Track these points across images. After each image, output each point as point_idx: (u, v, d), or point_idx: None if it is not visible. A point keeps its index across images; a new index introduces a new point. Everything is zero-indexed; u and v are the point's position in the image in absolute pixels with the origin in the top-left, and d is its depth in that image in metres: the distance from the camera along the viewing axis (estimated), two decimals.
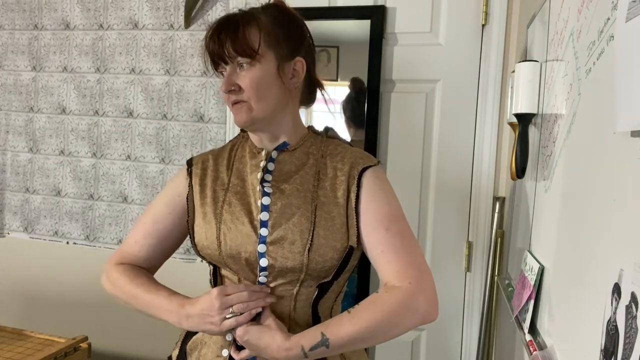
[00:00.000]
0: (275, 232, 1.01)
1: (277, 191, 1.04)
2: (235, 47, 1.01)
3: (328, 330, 0.95)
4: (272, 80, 1.04)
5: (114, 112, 2.33)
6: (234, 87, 1.03)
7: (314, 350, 0.94)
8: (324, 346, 0.94)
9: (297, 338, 0.96)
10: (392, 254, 0.98)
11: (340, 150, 1.10)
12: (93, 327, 2.35)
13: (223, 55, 1.02)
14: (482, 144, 1.89)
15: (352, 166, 1.06)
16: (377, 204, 1.02)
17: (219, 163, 1.13)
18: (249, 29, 1.02)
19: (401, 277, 0.96)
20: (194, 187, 1.11)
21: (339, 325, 0.95)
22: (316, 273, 1.02)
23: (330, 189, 1.04)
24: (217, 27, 1.03)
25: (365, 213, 1.02)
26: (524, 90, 1.18)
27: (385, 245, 0.99)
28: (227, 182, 1.09)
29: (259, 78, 1.02)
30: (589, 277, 0.74)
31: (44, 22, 2.41)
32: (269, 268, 1.02)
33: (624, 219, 0.61)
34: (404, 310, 0.94)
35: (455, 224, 1.95)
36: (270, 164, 1.07)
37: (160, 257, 1.16)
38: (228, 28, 1.02)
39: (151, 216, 1.14)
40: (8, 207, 2.50)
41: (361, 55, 1.95)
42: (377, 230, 1.00)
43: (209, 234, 1.05)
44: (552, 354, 0.90)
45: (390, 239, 0.99)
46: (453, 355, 1.98)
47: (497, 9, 1.85)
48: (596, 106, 0.76)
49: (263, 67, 1.02)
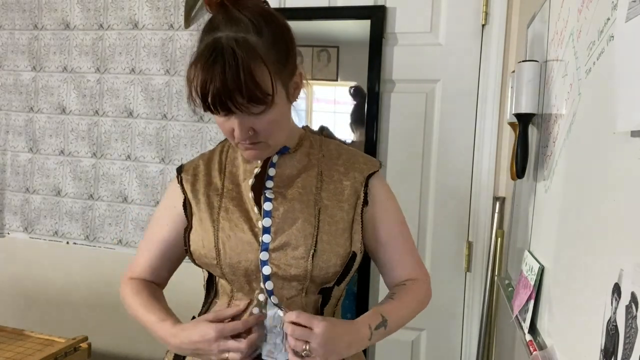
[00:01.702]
0: (278, 238, 0.98)
1: (279, 196, 1.01)
2: (246, 98, 0.86)
3: (385, 312, 1.01)
4: (285, 110, 0.97)
5: (114, 112, 2.33)
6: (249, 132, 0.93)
7: (377, 329, 0.99)
8: (383, 327, 1.00)
9: (363, 319, 0.99)
10: (408, 255, 1.11)
11: (342, 152, 1.08)
12: (93, 327, 2.35)
13: (230, 107, 0.87)
14: (482, 144, 1.89)
15: (358, 172, 1.05)
16: (389, 214, 1.09)
17: (210, 167, 1.09)
18: (255, 69, 0.86)
19: (417, 272, 1.11)
20: (187, 194, 1.07)
21: (392, 308, 1.03)
22: (319, 279, 1.00)
23: (333, 192, 1.03)
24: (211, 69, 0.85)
25: (381, 223, 1.07)
26: (524, 90, 1.17)
27: (402, 249, 1.10)
28: (221, 187, 1.05)
29: (276, 118, 0.93)
30: (589, 277, 0.74)
31: (44, 22, 2.41)
32: (273, 276, 0.98)
33: (624, 219, 0.61)
34: (424, 299, 1.10)
35: (455, 224, 1.95)
36: (271, 169, 1.03)
37: (166, 270, 1.14)
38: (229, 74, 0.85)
39: (153, 229, 1.12)
40: (8, 207, 2.50)
41: (361, 55, 1.95)
42: (396, 238, 1.09)
43: (206, 242, 1.01)
44: (552, 354, 0.90)
45: (405, 244, 1.11)
46: (453, 355, 1.98)
47: (497, 9, 1.85)
48: (596, 106, 0.76)
49: (278, 103, 0.92)
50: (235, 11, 0.90)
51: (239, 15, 0.90)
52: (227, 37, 0.87)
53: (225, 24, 0.89)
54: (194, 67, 0.88)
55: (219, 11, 0.92)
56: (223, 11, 0.91)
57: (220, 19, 0.90)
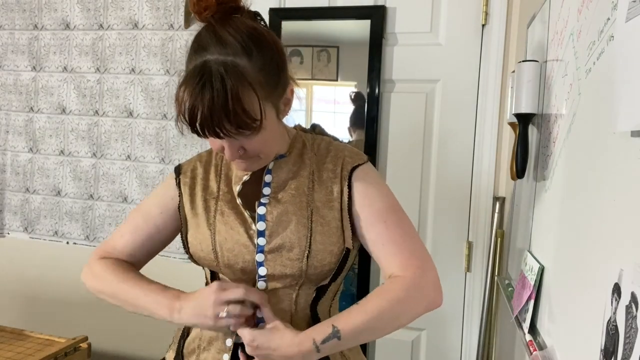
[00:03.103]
0: (273, 241, 0.99)
1: (273, 200, 1.02)
2: (234, 126, 0.86)
3: (338, 322, 0.94)
4: (275, 127, 0.97)
5: (114, 112, 2.33)
6: (239, 151, 0.94)
7: (326, 342, 0.92)
8: (336, 338, 0.93)
9: (308, 332, 0.94)
10: (393, 246, 0.99)
11: (331, 149, 1.08)
12: (93, 327, 2.35)
13: (218, 134, 0.87)
14: (482, 144, 1.89)
15: (342, 167, 1.04)
16: (370, 200, 1.02)
17: (207, 170, 1.09)
18: (243, 96, 0.86)
19: (404, 267, 0.97)
20: (183, 196, 1.08)
21: (349, 316, 0.94)
22: (315, 277, 1.01)
23: (324, 192, 1.03)
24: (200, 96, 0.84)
25: (362, 211, 1.01)
26: (524, 90, 1.17)
27: (386, 238, 0.99)
28: (217, 191, 1.06)
29: (266, 137, 0.94)
30: (589, 277, 0.74)
31: (44, 22, 2.41)
32: (268, 276, 1.01)
33: (624, 219, 0.61)
34: (410, 298, 0.95)
35: (455, 224, 1.95)
36: (267, 175, 1.04)
37: (145, 255, 1.13)
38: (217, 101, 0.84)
39: (141, 213, 1.12)
40: (8, 207, 2.50)
41: (361, 55, 1.95)
42: (375, 225, 1.00)
43: (203, 245, 1.02)
44: (552, 354, 0.90)
45: (389, 232, 0.99)
46: (453, 355, 1.98)
47: (497, 9, 1.85)
48: (596, 106, 0.76)
49: (267, 125, 0.91)
50: (224, 31, 0.89)
51: (227, 36, 0.88)
52: (216, 61, 0.86)
53: (214, 45, 0.88)
54: (182, 90, 0.87)
55: (207, 29, 0.91)
56: (212, 30, 0.90)
57: (209, 39, 0.89)
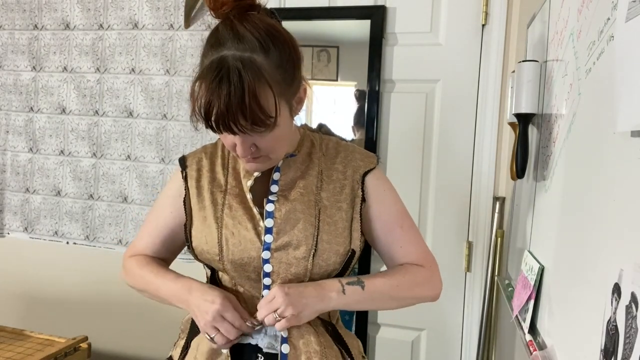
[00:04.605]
0: (280, 238, 0.99)
1: (281, 197, 1.02)
2: (250, 122, 0.86)
3: (363, 277, 1.01)
4: (288, 125, 0.97)
5: (114, 112, 2.33)
6: (251, 148, 0.94)
7: (350, 285, 0.99)
8: (360, 286, 0.99)
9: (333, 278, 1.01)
10: (410, 246, 1.08)
11: (340, 149, 1.09)
12: (93, 327, 2.35)
13: (233, 129, 0.87)
14: (482, 144, 1.89)
15: (354, 170, 1.06)
16: (387, 207, 1.07)
17: (214, 163, 1.09)
18: (260, 93, 0.86)
19: (422, 261, 1.07)
20: (190, 189, 1.08)
21: (372, 277, 1.02)
22: (319, 277, 1.01)
23: (332, 192, 1.04)
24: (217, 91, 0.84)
25: (379, 217, 1.06)
26: (524, 90, 1.17)
27: (403, 241, 1.08)
28: (225, 184, 1.06)
29: (279, 135, 0.94)
30: (589, 277, 0.74)
31: (44, 22, 2.41)
32: (273, 274, 1.00)
33: (624, 219, 0.61)
34: (424, 284, 1.06)
35: (455, 224, 1.95)
36: (276, 174, 1.04)
37: (170, 253, 1.16)
38: (234, 97, 0.84)
39: (155, 216, 1.14)
40: (8, 207, 2.50)
41: (361, 55, 1.95)
42: (394, 230, 1.07)
43: (209, 238, 1.02)
44: (552, 354, 0.90)
45: (405, 235, 1.08)
46: (453, 355, 1.98)
47: (497, 9, 1.85)
48: (596, 106, 0.76)
49: (280, 122, 0.91)
50: (242, 27, 0.89)
51: (245, 32, 0.88)
52: (233, 57, 0.86)
53: (231, 40, 0.88)
54: (198, 85, 0.87)
55: (224, 24, 0.91)
56: (229, 26, 0.90)
57: (226, 34, 0.89)
